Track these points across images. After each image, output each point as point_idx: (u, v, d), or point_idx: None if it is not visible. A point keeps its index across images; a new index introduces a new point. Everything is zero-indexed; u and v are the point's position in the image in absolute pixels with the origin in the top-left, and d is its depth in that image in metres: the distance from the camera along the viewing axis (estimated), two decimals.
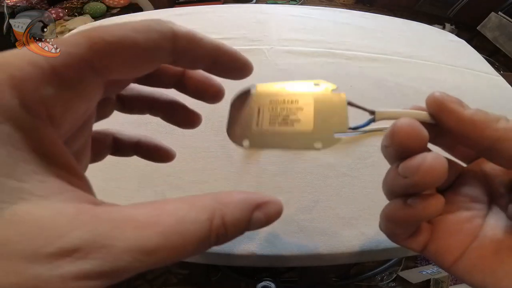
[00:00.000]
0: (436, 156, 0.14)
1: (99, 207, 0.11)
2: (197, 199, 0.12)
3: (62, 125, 0.12)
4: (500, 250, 0.15)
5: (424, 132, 0.14)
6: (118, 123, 0.46)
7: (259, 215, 0.13)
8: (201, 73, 0.19)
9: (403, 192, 0.16)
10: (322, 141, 0.17)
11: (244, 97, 0.19)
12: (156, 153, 0.23)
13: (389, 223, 0.18)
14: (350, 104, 0.18)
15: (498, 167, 0.17)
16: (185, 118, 0.21)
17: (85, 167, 0.19)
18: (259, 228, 0.13)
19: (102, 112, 0.19)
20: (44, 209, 0.10)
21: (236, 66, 0.17)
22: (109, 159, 0.44)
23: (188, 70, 0.19)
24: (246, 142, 0.18)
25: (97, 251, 0.09)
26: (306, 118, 0.18)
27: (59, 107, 0.12)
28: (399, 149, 0.15)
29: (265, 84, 0.20)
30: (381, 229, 0.19)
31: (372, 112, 0.17)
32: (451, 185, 0.18)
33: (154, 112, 0.21)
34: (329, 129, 0.17)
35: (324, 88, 0.19)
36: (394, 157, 0.16)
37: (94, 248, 0.09)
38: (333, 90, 0.18)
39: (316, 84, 0.19)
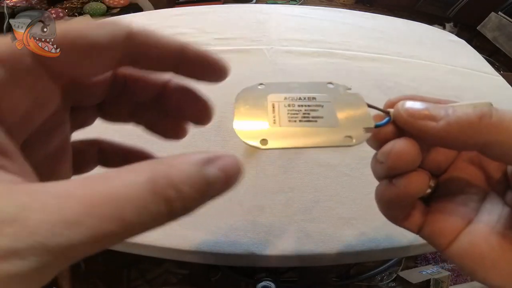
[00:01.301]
0: (406, 141, 0.15)
1: (20, 184, 0.09)
2: (135, 164, 0.10)
3: None
4: (491, 236, 0.15)
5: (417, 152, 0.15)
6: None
7: (214, 171, 0.11)
8: (184, 87, 0.17)
9: (384, 176, 0.17)
10: (353, 137, 0.16)
11: (251, 93, 0.18)
12: None
13: (380, 203, 0.18)
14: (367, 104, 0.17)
15: None
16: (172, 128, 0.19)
17: (65, 177, 0.17)
18: (222, 190, 0.12)
19: (80, 120, 0.17)
20: None
21: (206, 67, 0.15)
22: None
23: (169, 83, 0.17)
24: (264, 142, 0.16)
25: (8, 226, 0.08)
26: (329, 114, 0.16)
27: None
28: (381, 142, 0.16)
29: (274, 82, 0.18)
30: (380, 211, 0.19)
31: (387, 113, 0.16)
32: (447, 168, 0.18)
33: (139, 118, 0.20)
34: (356, 125, 0.16)
35: (338, 87, 0.18)
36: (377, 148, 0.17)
37: (5, 223, 0.08)
38: (347, 90, 0.18)
39: (329, 83, 0.18)
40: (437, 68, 0.60)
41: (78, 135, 0.18)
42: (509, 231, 0.15)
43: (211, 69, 0.16)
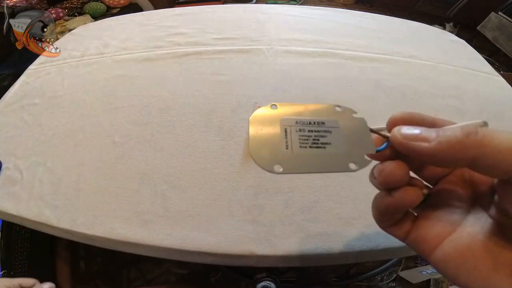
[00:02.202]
0: (396, 164, 0.17)
1: None
2: None
3: None
4: (473, 243, 0.16)
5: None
6: (118, 123, 0.46)
7: None
8: None
9: (378, 188, 0.19)
10: (356, 163, 0.17)
11: (265, 115, 0.19)
12: None
13: (374, 209, 0.20)
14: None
15: None
16: None
17: None
18: None
19: None
20: None
21: None
22: (109, 159, 0.44)
23: None
24: (278, 167, 0.17)
25: None
26: (336, 140, 0.18)
27: None
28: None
29: (285, 104, 0.19)
30: (373, 217, 0.20)
31: (387, 137, 0.18)
32: (437, 182, 0.20)
33: None
34: (359, 151, 0.18)
35: (345, 111, 0.20)
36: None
37: None
38: (353, 114, 0.19)
39: (337, 107, 0.20)
40: (437, 68, 0.60)
41: None
42: (489, 239, 0.16)
43: None
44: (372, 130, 0.19)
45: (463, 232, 0.17)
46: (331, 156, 0.18)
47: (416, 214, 0.20)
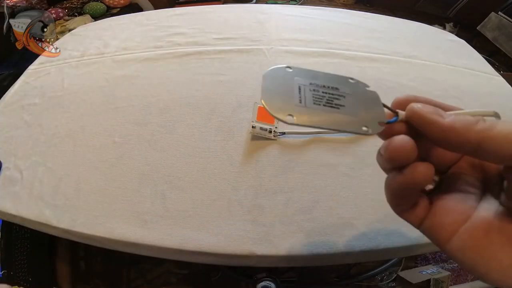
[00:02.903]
0: (403, 138, 0.17)
1: None
2: None
3: None
4: (490, 231, 0.16)
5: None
6: (118, 123, 0.46)
7: None
8: None
9: (386, 167, 0.19)
10: (369, 127, 0.18)
11: (279, 73, 0.19)
12: None
13: (387, 191, 0.19)
14: None
15: None
16: None
17: None
18: None
19: None
20: None
21: None
22: (109, 159, 0.44)
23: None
24: (290, 117, 0.17)
25: None
26: (350, 104, 0.18)
27: None
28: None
29: (301, 68, 0.20)
30: (388, 201, 0.20)
31: (396, 112, 0.18)
32: (451, 167, 0.20)
33: None
34: (372, 118, 0.18)
35: (358, 84, 0.20)
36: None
37: None
38: (366, 87, 0.20)
39: (350, 79, 0.20)
40: (437, 68, 0.60)
41: None
42: (506, 226, 0.16)
43: None
44: (384, 105, 0.19)
45: (478, 218, 0.17)
46: (344, 117, 0.18)
47: (429, 200, 0.19)
